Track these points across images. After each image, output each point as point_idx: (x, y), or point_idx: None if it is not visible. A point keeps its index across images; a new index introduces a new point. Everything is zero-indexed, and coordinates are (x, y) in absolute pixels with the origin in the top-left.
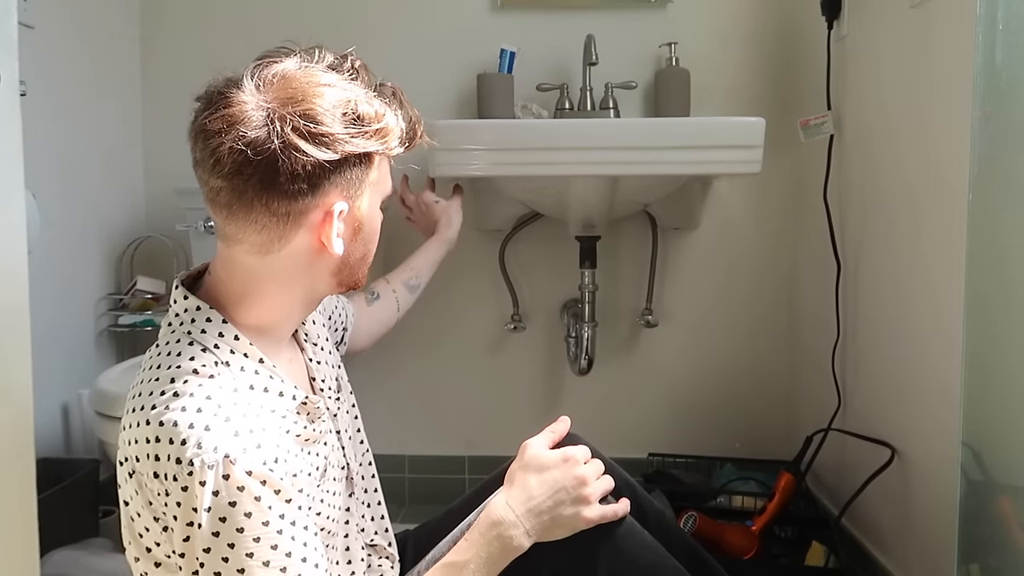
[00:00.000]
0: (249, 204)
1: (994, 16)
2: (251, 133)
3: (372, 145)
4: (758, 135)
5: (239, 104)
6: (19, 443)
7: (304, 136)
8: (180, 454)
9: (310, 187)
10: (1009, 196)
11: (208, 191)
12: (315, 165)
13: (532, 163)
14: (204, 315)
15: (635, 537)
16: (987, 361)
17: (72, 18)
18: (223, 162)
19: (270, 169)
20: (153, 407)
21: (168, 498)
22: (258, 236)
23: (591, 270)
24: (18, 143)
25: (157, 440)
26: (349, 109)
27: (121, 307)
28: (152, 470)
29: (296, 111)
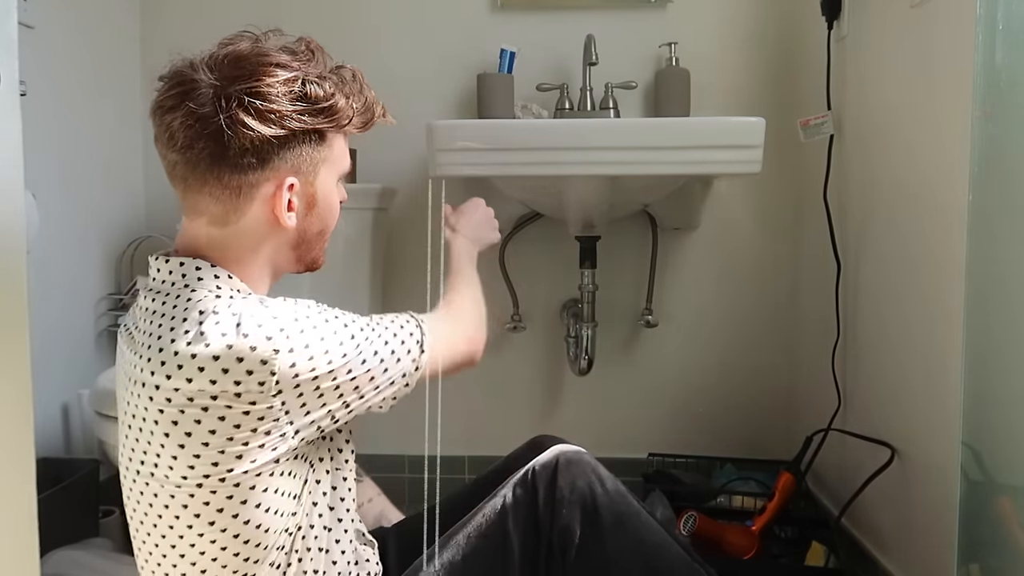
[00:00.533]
0: (203, 177)
1: (994, 16)
2: (200, 109)
3: (320, 123)
4: (758, 135)
5: (191, 82)
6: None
7: (250, 112)
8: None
9: (259, 161)
10: (1009, 196)
11: (166, 165)
12: (263, 140)
13: (532, 163)
14: (194, 265)
15: (642, 518)
16: (987, 361)
17: (72, 18)
18: (176, 136)
19: (219, 143)
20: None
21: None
22: (215, 207)
23: (591, 270)
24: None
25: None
26: (297, 87)
27: (121, 307)
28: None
29: (243, 88)
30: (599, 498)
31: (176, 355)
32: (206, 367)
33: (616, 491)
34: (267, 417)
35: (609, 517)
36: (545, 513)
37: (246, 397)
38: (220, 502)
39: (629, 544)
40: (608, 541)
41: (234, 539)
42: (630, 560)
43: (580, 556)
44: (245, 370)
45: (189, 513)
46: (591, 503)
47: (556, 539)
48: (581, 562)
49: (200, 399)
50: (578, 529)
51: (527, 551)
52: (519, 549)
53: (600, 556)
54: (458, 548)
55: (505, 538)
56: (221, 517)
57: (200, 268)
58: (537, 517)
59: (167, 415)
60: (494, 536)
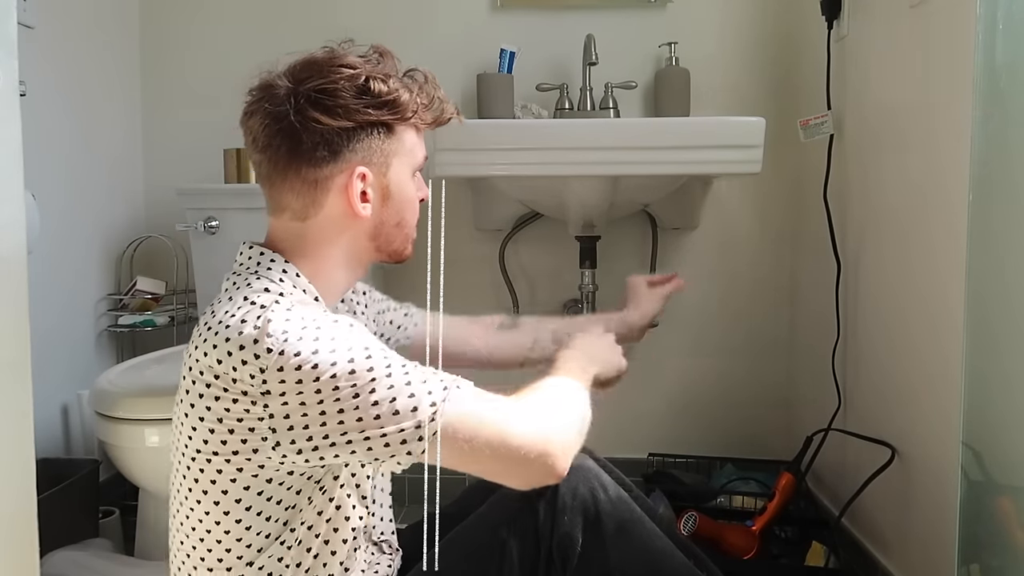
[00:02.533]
0: (283, 173)
1: (994, 16)
2: (275, 109)
3: (384, 115)
4: (758, 135)
5: (270, 87)
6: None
7: (319, 107)
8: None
9: (331, 154)
10: (1009, 196)
11: (254, 167)
12: (332, 132)
13: (532, 163)
14: (268, 257)
15: (645, 525)
16: (987, 361)
17: (72, 18)
18: (257, 138)
19: (293, 139)
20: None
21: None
22: (296, 202)
23: (591, 270)
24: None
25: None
26: (360, 83)
27: (121, 307)
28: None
29: (312, 87)
30: (601, 505)
31: (209, 329)
32: (219, 346)
33: (619, 498)
34: (252, 414)
35: (612, 525)
36: (545, 520)
37: (239, 386)
38: (225, 483)
39: (632, 552)
40: (611, 549)
41: (236, 524)
42: (633, 568)
43: (582, 564)
44: (241, 360)
45: (199, 489)
46: (593, 510)
47: (556, 547)
48: (583, 570)
49: (207, 374)
50: (580, 537)
51: (526, 559)
52: (517, 557)
53: (602, 564)
54: (454, 555)
55: (503, 545)
56: (225, 499)
57: (274, 260)
58: (537, 524)
59: (188, 381)
60: (491, 543)
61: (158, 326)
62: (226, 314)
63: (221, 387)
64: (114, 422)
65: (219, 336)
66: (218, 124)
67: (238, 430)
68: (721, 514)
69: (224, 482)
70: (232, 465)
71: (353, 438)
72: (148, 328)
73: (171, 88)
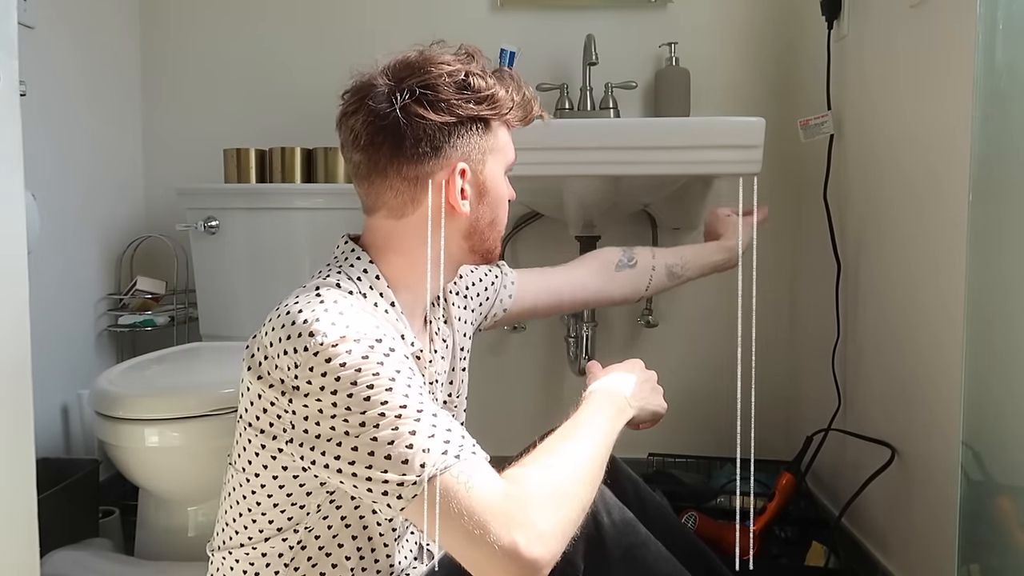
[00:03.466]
0: (383, 171)
1: (994, 16)
2: (377, 106)
3: (484, 111)
4: (758, 135)
5: (369, 87)
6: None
7: (422, 103)
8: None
9: (433, 150)
10: (1009, 196)
11: (352, 168)
12: (435, 128)
13: (532, 163)
14: (356, 254)
15: (651, 548)
16: (987, 361)
17: (72, 18)
18: (359, 136)
19: (397, 135)
20: (300, 314)
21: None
22: (394, 200)
23: None
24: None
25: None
26: (461, 78)
27: (121, 307)
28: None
29: (414, 82)
30: (605, 530)
31: (276, 310)
32: (275, 329)
33: (623, 520)
34: (279, 402)
35: (617, 551)
36: None
37: (278, 373)
38: (263, 455)
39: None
40: (615, 575)
41: (268, 498)
42: None
43: None
44: (284, 349)
45: (247, 456)
46: (596, 536)
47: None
48: None
49: (259, 353)
50: (582, 564)
51: None
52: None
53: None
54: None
55: None
56: (264, 472)
57: (360, 259)
58: None
59: (250, 356)
60: None
61: (158, 326)
62: (294, 301)
63: (265, 370)
64: (114, 422)
65: (278, 320)
66: (218, 124)
67: (269, 412)
68: (721, 514)
69: (260, 462)
70: (274, 445)
71: (343, 468)
72: (148, 328)
73: (171, 88)
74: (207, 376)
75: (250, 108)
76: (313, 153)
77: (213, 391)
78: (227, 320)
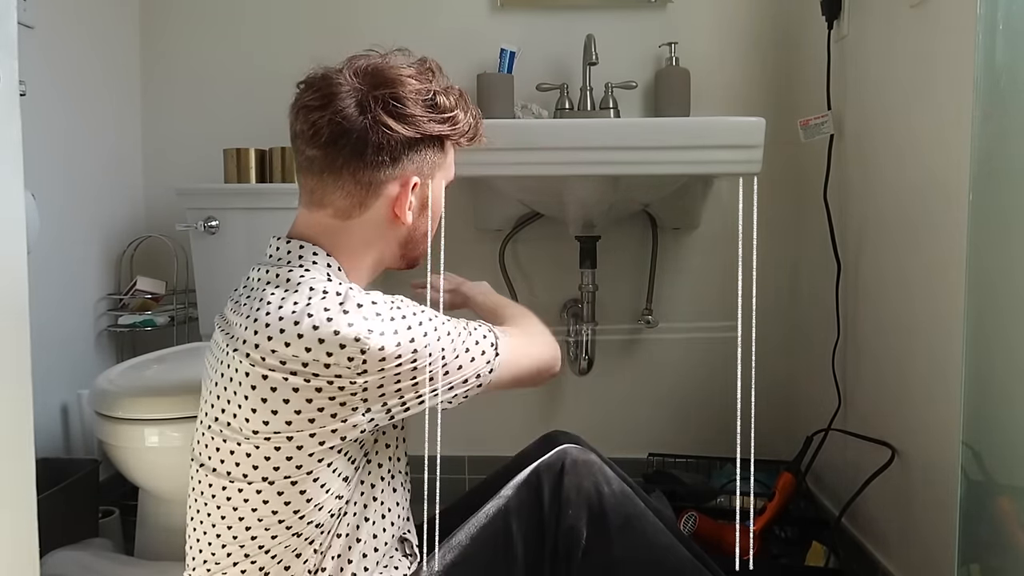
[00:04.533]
0: (338, 172)
1: (994, 16)
2: (347, 109)
3: (445, 130)
4: (758, 135)
5: (337, 86)
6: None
7: (391, 115)
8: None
9: (392, 160)
10: (1009, 196)
11: (303, 160)
12: (398, 141)
13: (532, 163)
14: (312, 250)
15: (649, 519)
16: (987, 361)
17: (72, 18)
18: (321, 133)
19: (361, 141)
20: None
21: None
22: (343, 201)
23: (591, 270)
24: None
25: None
26: (428, 97)
27: (121, 307)
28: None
29: (385, 93)
30: (606, 499)
31: (281, 320)
32: (305, 335)
33: (623, 492)
34: (345, 392)
35: (616, 519)
36: (550, 514)
37: (333, 370)
38: (279, 460)
39: (636, 546)
40: (615, 543)
41: (280, 499)
42: (637, 562)
43: (586, 558)
44: (339, 344)
45: (250, 464)
46: (597, 504)
47: (561, 541)
48: (587, 564)
49: (292, 364)
50: (584, 531)
51: (530, 552)
52: (522, 550)
53: (607, 558)
54: (459, 549)
55: (508, 539)
56: (276, 476)
57: (317, 254)
58: (542, 518)
59: (257, 372)
60: (496, 537)
61: (158, 326)
62: (296, 305)
63: (311, 372)
64: (114, 422)
65: (302, 327)
66: (218, 124)
67: (328, 407)
68: (721, 514)
69: (280, 459)
70: (292, 443)
71: (439, 386)
72: (148, 328)
73: (171, 88)
74: None
75: (250, 108)
76: None
77: None
78: None
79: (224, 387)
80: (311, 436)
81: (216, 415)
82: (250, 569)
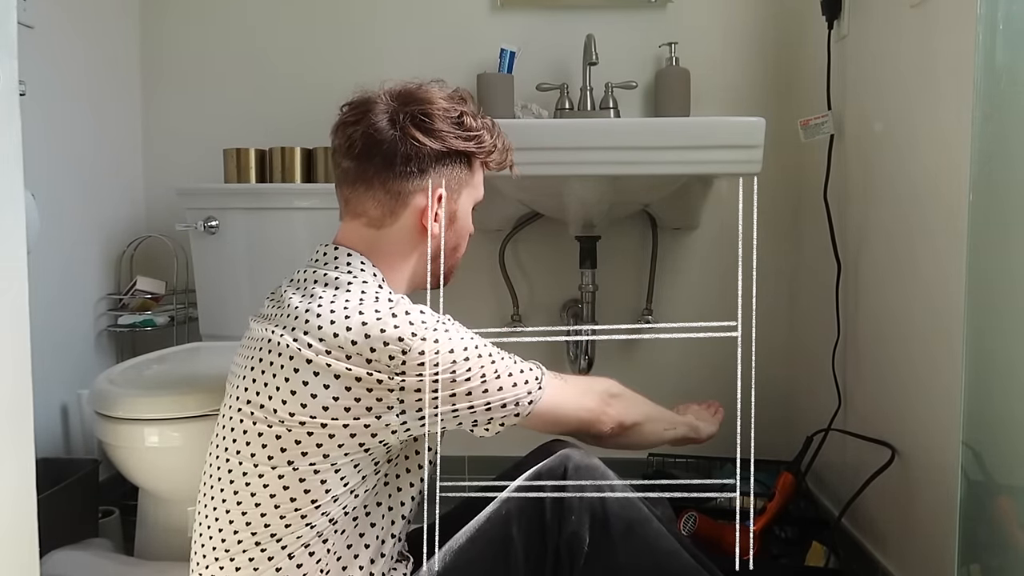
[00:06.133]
0: (370, 181)
1: (994, 16)
2: (379, 123)
3: (471, 147)
4: (758, 135)
5: (372, 104)
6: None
7: (420, 128)
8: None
9: (419, 171)
10: (1009, 196)
11: (340, 172)
12: (425, 153)
13: (532, 163)
14: (359, 258)
15: (652, 525)
16: (987, 361)
17: (72, 18)
18: (355, 145)
19: (390, 152)
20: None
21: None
22: (375, 211)
23: (591, 270)
24: (18, 143)
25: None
26: (456, 115)
27: (121, 307)
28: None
29: (415, 109)
30: (609, 504)
31: (333, 312)
32: (354, 329)
33: (626, 497)
34: (383, 387)
35: (620, 524)
36: (552, 519)
37: (374, 366)
38: (309, 447)
39: (640, 552)
40: (619, 549)
41: (300, 487)
42: (641, 568)
43: (589, 564)
44: (383, 341)
45: (278, 447)
46: (601, 510)
47: (564, 546)
48: (590, 569)
49: (336, 353)
50: (587, 536)
51: (531, 558)
52: (523, 555)
53: (610, 564)
54: (460, 553)
55: (508, 544)
56: (302, 462)
57: (364, 262)
58: (544, 523)
59: (302, 356)
60: (496, 542)
61: (158, 326)
62: (348, 302)
63: (353, 364)
64: (114, 422)
65: (352, 320)
66: (218, 124)
67: (364, 398)
68: (721, 514)
69: (295, 452)
70: (325, 431)
71: (476, 406)
72: (148, 328)
73: (171, 88)
74: (207, 376)
75: (250, 108)
76: (313, 153)
77: (213, 391)
78: (227, 320)
79: (262, 371)
80: (344, 426)
81: (249, 398)
82: (259, 557)
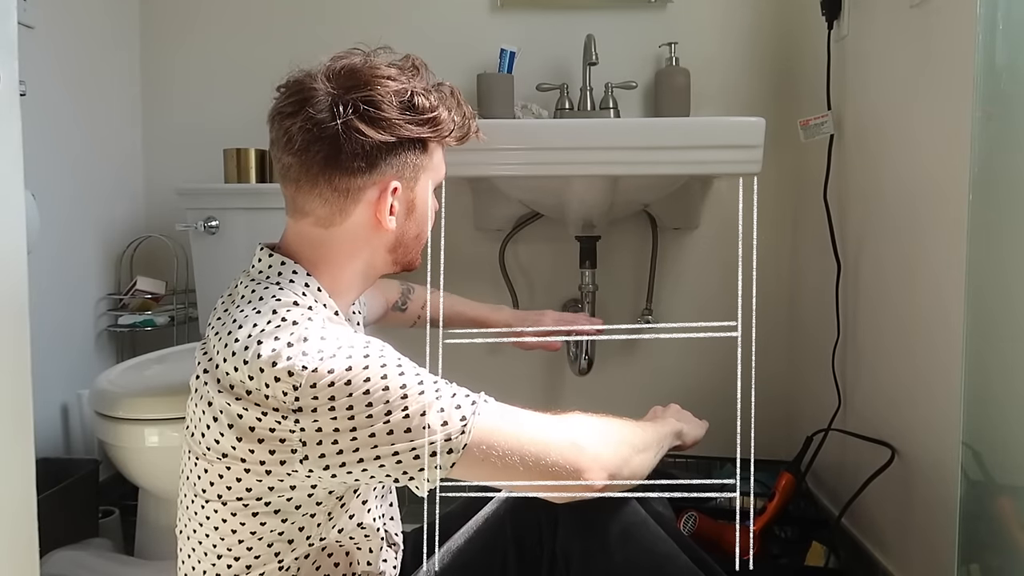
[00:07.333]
0: (314, 179)
1: (994, 16)
2: (318, 115)
3: (425, 132)
4: (758, 135)
5: (310, 91)
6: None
7: (364, 119)
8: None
9: (368, 165)
10: (1009, 196)
11: (280, 167)
12: (373, 146)
13: (532, 163)
14: (290, 268)
15: (650, 527)
16: (987, 361)
17: (72, 18)
18: (294, 140)
19: (333, 147)
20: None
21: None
22: (322, 209)
23: (591, 270)
24: (18, 143)
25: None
26: (406, 98)
27: (121, 307)
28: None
29: (358, 96)
30: (604, 508)
31: (237, 342)
32: (251, 361)
33: (622, 499)
34: (283, 428)
35: (615, 528)
36: (547, 524)
37: (271, 402)
38: (235, 476)
39: (636, 555)
40: (615, 552)
41: (246, 511)
42: (638, 572)
43: (585, 567)
44: (275, 376)
45: (212, 482)
46: (596, 514)
47: (559, 550)
48: (586, 574)
49: (238, 389)
50: (583, 540)
51: (526, 562)
52: (515, 560)
53: (606, 567)
54: (458, 555)
55: (505, 546)
56: (237, 489)
57: (296, 272)
58: (539, 527)
59: (209, 389)
60: (490, 546)
61: (158, 326)
62: (255, 328)
63: (252, 401)
64: (114, 422)
65: (250, 351)
66: (218, 124)
67: (268, 440)
68: (721, 514)
69: (242, 487)
70: (254, 473)
71: (382, 453)
72: (148, 328)
73: (171, 88)
74: None
75: (250, 108)
76: None
77: None
78: None
79: (195, 403)
80: (261, 463)
81: (190, 428)
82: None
